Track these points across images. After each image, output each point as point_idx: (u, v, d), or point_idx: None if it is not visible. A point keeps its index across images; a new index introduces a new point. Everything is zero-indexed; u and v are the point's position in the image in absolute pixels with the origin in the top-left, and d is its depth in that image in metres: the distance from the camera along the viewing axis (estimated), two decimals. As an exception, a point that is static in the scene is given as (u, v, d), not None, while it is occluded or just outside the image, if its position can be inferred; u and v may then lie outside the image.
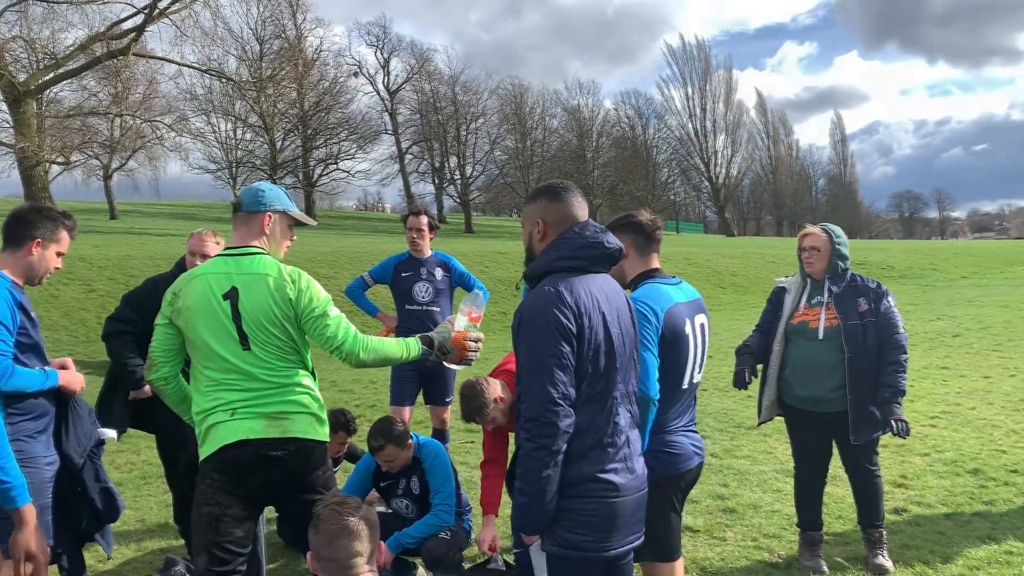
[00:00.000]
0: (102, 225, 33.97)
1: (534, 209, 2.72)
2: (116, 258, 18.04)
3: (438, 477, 4.41)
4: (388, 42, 59.03)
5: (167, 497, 5.52)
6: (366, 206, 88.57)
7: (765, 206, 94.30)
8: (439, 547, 4.20)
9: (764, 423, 4.84)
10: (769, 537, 4.94)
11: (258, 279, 3.12)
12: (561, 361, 2.44)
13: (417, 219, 5.97)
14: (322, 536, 2.38)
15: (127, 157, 43.12)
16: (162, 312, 3.16)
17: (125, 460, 7.03)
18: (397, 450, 4.41)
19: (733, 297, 24.17)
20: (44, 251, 3.21)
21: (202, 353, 3.07)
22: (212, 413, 3.04)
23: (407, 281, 5.96)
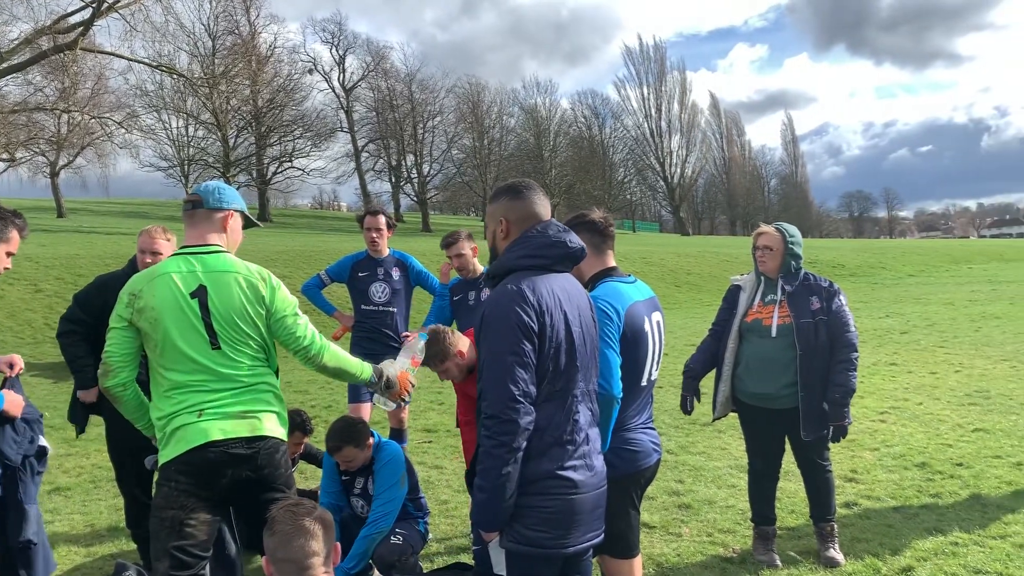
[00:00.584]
0: (49, 224, 33.12)
1: (497, 208, 2.73)
2: (64, 257, 17.61)
3: (384, 482, 4.37)
4: (343, 39, 58.59)
5: (117, 501, 5.41)
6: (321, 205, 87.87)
7: (719, 205, 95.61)
8: (391, 552, 4.17)
9: (719, 419, 4.91)
10: (724, 532, 5.02)
11: (227, 276, 3.10)
12: (522, 359, 2.45)
13: (376, 219, 5.95)
14: (278, 537, 2.35)
15: (75, 154, 42.09)
16: (118, 314, 3.05)
17: (74, 464, 6.88)
18: (355, 451, 4.38)
19: (688, 295, 24.46)
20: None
21: (167, 354, 3.00)
22: (177, 416, 2.98)
23: (364, 281, 5.95)
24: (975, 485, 5.71)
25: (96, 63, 35.24)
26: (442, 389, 9.89)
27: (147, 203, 58.64)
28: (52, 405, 9.11)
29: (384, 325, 5.96)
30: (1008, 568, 4.28)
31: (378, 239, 5.93)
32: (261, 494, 3.11)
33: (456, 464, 6.67)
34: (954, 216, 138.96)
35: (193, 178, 39.47)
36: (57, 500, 5.98)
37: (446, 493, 5.94)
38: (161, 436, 3.03)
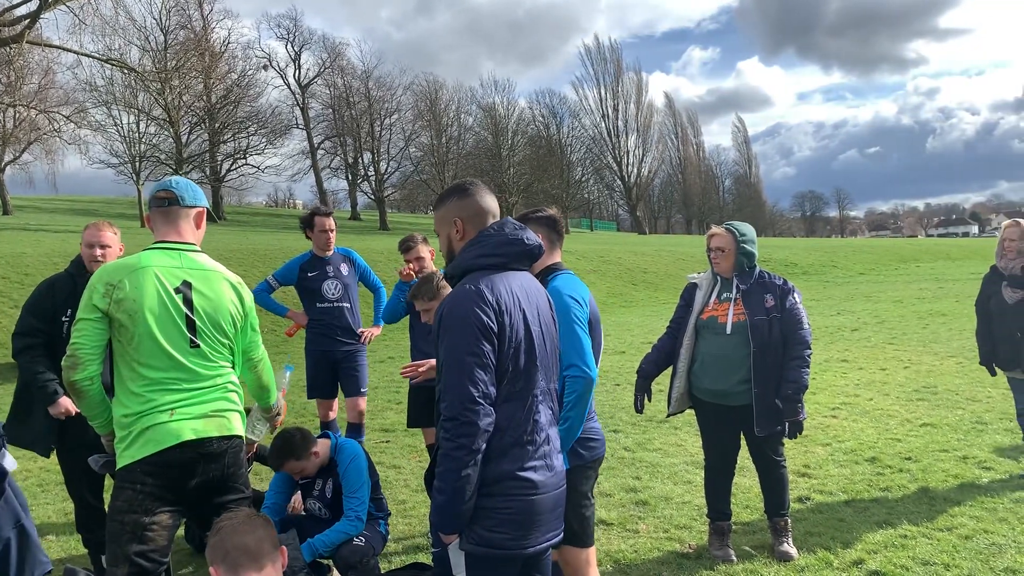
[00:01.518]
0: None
1: (449, 210, 2.71)
2: (9, 256, 17.13)
3: (353, 482, 4.34)
4: (299, 35, 57.81)
5: (66, 505, 5.29)
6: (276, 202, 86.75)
7: (675, 205, 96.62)
8: (352, 554, 4.14)
9: (674, 415, 4.96)
10: (680, 528, 5.07)
11: (214, 276, 3.10)
12: (481, 360, 2.44)
13: (329, 219, 6.06)
14: (226, 531, 2.35)
15: (21, 150, 40.88)
16: (92, 304, 2.93)
17: (21, 468, 6.69)
18: (299, 463, 4.34)
19: (645, 294, 24.67)
20: None
21: (143, 349, 2.93)
22: (146, 415, 2.92)
23: (315, 280, 6.01)
24: (923, 479, 5.86)
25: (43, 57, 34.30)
26: (399, 388, 9.84)
27: (96, 200, 57.29)
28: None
29: (339, 321, 6.03)
30: (955, 559, 4.40)
31: (331, 238, 6.05)
32: (223, 495, 3.09)
33: (414, 464, 6.64)
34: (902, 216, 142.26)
35: (144, 175, 38.60)
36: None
37: (404, 493, 5.91)
38: (125, 435, 2.95)
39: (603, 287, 24.41)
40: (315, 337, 6.08)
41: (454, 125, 59.84)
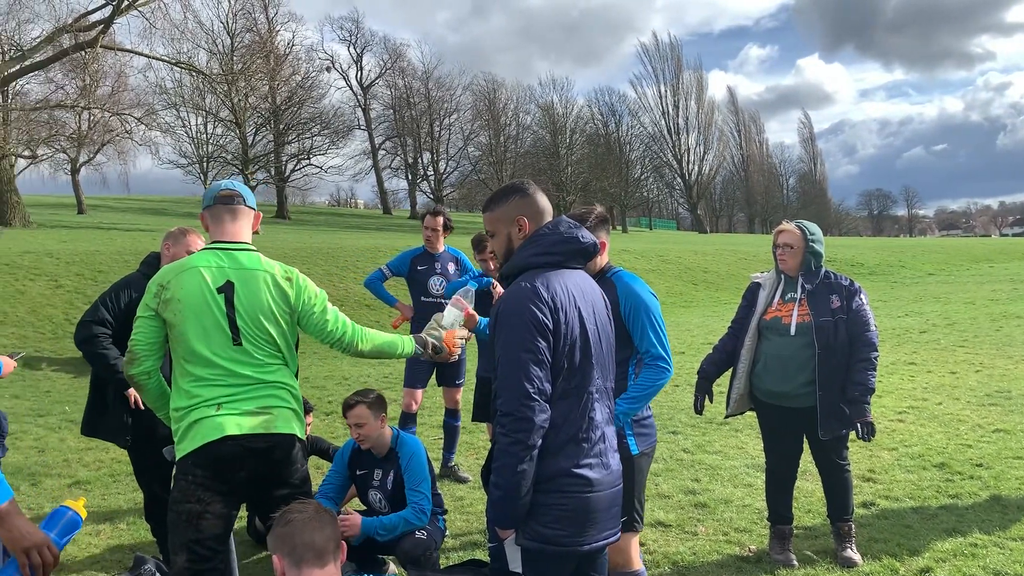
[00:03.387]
0: (69, 220, 33.42)
1: (509, 209, 2.71)
2: (84, 253, 17.77)
3: (415, 475, 4.36)
4: (361, 37, 58.77)
5: (136, 495, 5.46)
6: (338, 202, 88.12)
7: (737, 203, 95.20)
8: (416, 547, 4.17)
9: (732, 416, 4.89)
10: (740, 531, 5.00)
11: (255, 275, 3.15)
12: (537, 356, 2.45)
13: (434, 219, 6.39)
14: (295, 525, 2.39)
15: (95, 151, 42.40)
16: (146, 303, 3.08)
17: (93, 458, 6.94)
18: (368, 412, 4.34)
19: (705, 294, 24.36)
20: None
21: (188, 347, 3.03)
22: (194, 409, 3.00)
23: (423, 274, 6.36)
24: (995, 486, 5.66)
25: (116, 61, 35.49)
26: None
27: (166, 199, 59.04)
28: (72, 399, 9.21)
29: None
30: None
31: (434, 238, 6.36)
32: (277, 490, 3.14)
33: (471, 460, 6.69)
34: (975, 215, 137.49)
35: (212, 175, 39.67)
36: (77, 494, 6.05)
37: (461, 489, 5.95)
38: (177, 429, 3.06)
39: (662, 287, 24.19)
40: (419, 329, 6.25)
41: (512, 124, 60.07)
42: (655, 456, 6.53)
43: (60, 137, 36.35)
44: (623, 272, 3.59)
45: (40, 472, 6.57)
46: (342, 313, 3.33)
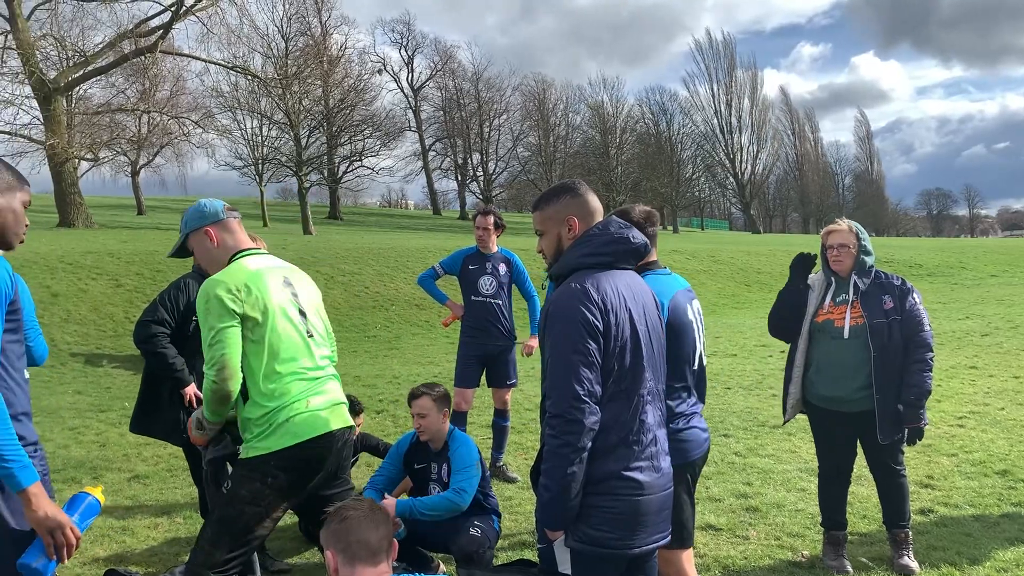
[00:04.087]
0: (130, 220, 34.36)
1: (560, 208, 2.70)
2: (143, 253, 18.24)
3: (463, 458, 4.42)
4: (412, 39, 59.29)
5: (193, 490, 5.58)
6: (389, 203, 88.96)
7: (791, 203, 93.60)
8: (470, 544, 4.19)
9: (789, 422, 4.81)
10: (793, 536, 4.91)
11: (298, 272, 3.30)
12: (587, 358, 2.44)
13: (485, 219, 6.45)
14: (351, 522, 2.41)
15: (154, 153, 43.58)
16: (229, 310, 2.98)
17: (152, 453, 7.12)
18: (432, 404, 4.42)
19: (759, 295, 24.00)
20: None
21: (275, 344, 3.05)
22: (284, 408, 3.01)
23: (474, 273, 6.40)
24: (1061, 495, 5.47)
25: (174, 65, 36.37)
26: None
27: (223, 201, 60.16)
28: (131, 396, 9.44)
29: (491, 315, 6.35)
30: (1096, 582, 4.09)
31: (485, 237, 6.39)
32: (330, 488, 3.19)
33: (520, 461, 6.69)
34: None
35: (267, 177, 40.31)
36: (136, 488, 6.21)
37: (510, 489, 5.96)
38: (261, 431, 3.01)
39: (714, 288, 23.91)
40: (468, 329, 6.42)
41: (562, 124, 60.04)
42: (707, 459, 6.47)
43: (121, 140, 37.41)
44: (647, 276, 3.41)
45: (101, 466, 6.76)
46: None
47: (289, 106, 37.25)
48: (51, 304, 13.76)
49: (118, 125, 35.86)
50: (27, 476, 2.30)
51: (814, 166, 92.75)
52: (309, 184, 41.24)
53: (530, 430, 7.65)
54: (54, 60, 31.84)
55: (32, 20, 30.44)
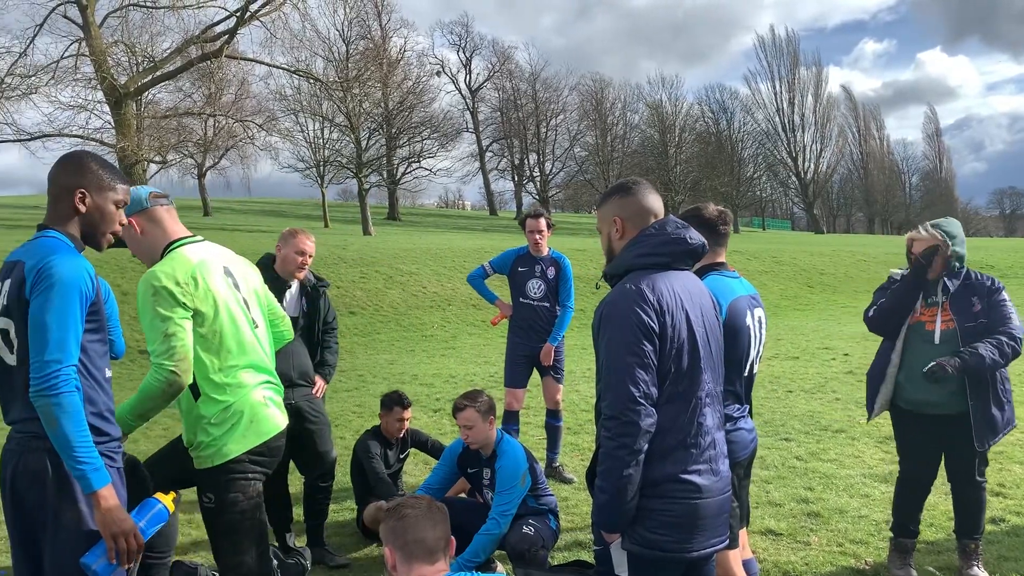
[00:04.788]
0: (196, 221, 35.31)
1: (609, 209, 2.70)
2: (209, 254, 18.68)
3: (506, 480, 4.38)
4: (470, 41, 59.64)
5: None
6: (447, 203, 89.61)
7: (856, 202, 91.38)
8: (522, 542, 4.20)
9: (873, 419, 4.69)
10: (856, 543, 4.80)
11: (235, 257, 3.23)
12: (643, 360, 2.42)
13: (537, 221, 6.31)
14: (408, 521, 2.42)
15: (220, 156, 44.73)
16: (180, 303, 2.85)
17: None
18: (477, 416, 4.42)
19: (822, 296, 23.51)
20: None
21: (226, 336, 2.96)
22: (240, 402, 2.98)
23: (523, 275, 6.34)
24: None
25: (239, 70, 37.22)
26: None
27: (285, 202, 61.51)
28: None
29: (539, 319, 6.29)
30: None
31: (540, 240, 6.28)
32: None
33: (576, 462, 6.68)
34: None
35: (328, 178, 41.03)
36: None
37: (566, 490, 5.95)
38: (222, 429, 2.94)
39: (775, 289, 23.49)
40: (516, 330, 6.40)
41: (619, 124, 59.68)
42: (767, 463, 6.37)
43: (188, 143, 38.49)
44: (707, 277, 3.34)
45: (169, 460, 6.95)
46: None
47: (350, 109, 37.81)
48: (121, 302, 14.11)
49: (185, 128, 36.87)
50: (99, 479, 2.36)
51: (880, 164, 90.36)
52: (369, 185, 41.79)
53: (586, 431, 7.62)
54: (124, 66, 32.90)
55: (104, 27, 31.49)
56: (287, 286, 4.78)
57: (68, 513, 2.43)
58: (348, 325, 15.33)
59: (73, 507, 2.43)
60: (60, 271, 2.39)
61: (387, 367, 12.39)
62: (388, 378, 11.30)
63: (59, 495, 2.43)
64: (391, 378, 11.29)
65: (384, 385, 10.57)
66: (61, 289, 2.37)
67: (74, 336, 2.38)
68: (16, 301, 2.42)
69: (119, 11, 31.94)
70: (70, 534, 2.43)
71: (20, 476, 2.46)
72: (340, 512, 5.49)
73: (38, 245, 2.49)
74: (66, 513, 2.43)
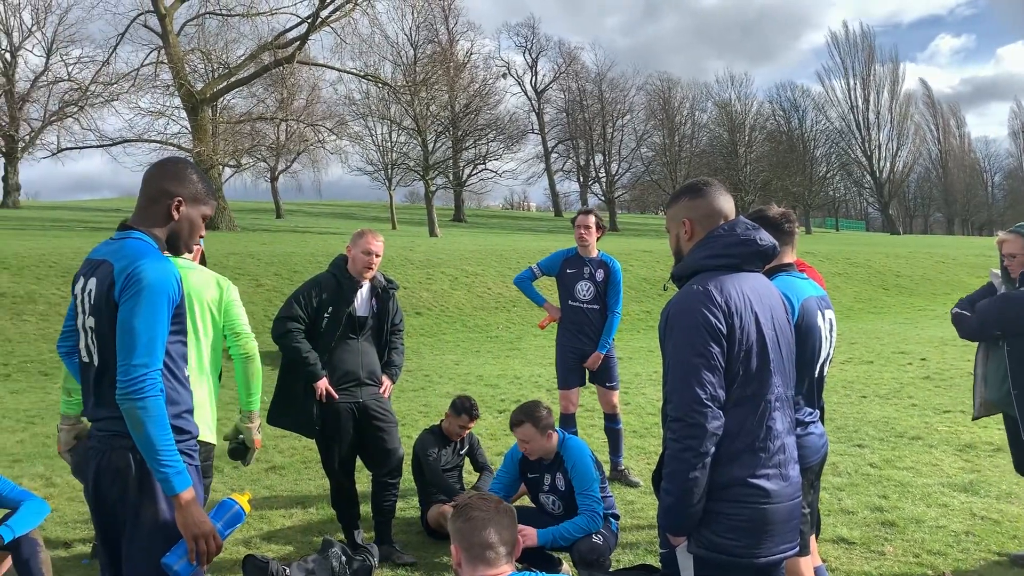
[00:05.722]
0: (269, 224, 36.19)
1: (678, 210, 2.66)
2: (281, 255, 19.15)
3: (583, 480, 4.37)
4: (536, 43, 59.69)
5: (325, 482, 5.81)
6: (512, 205, 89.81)
7: (934, 202, 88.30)
8: (592, 551, 4.18)
9: (978, 419, 4.66)
10: (933, 554, 4.64)
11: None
12: (710, 362, 2.38)
13: (585, 217, 6.26)
14: (475, 523, 2.43)
15: (292, 160, 45.74)
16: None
17: (288, 445, 7.46)
18: (534, 431, 4.39)
19: (898, 299, 22.82)
20: None
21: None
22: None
23: (571, 277, 6.24)
24: None
25: (310, 75, 38.03)
26: (626, 390, 9.83)
27: (354, 204, 62.56)
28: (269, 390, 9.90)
29: (588, 322, 6.19)
30: None
31: (586, 235, 6.18)
32: None
33: (642, 464, 6.62)
34: None
35: (395, 181, 41.58)
36: (273, 478, 6.53)
37: (632, 494, 5.90)
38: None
39: (849, 291, 22.89)
40: (565, 332, 6.31)
41: (687, 123, 58.89)
42: (839, 469, 6.21)
43: (261, 147, 39.50)
44: (778, 277, 3.29)
45: (242, 456, 7.13)
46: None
47: (417, 112, 38.24)
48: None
49: (258, 133, 37.84)
50: (180, 482, 2.41)
51: (960, 163, 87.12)
52: (435, 188, 42.17)
53: (653, 434, 7.55)
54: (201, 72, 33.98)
55: (181, 35, 32.57)
56: (358, 286, 4.86)
57: (148, 511, 2.49)
58: (414, 326, 15.50)
59: (153, 505, 2.49)
60: (149, 276, 2.43)
61: (453, 367, 12.48)
62: (454, 378, 11.39)
63: (140, 493, 2.49)
64: (456, 379, 11.37)
65: (450, 385, 10.65)
66: (150, 294, 2.42)
67: (160, 340, 2.44)
68: (104, 302, 2.48)
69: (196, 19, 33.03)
70: (149, 531, 2.50)
71: (103, 473, 2.54)
72: (406, 510, 5.56)
73: (126, 246, 2.54)
74: (146, 511, 2.50)
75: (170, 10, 31.37)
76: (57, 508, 5.59)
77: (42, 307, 14.22)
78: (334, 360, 4.78)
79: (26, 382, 11.54)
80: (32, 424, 8.74)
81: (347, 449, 4.86)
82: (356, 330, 4.85)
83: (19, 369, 12.17)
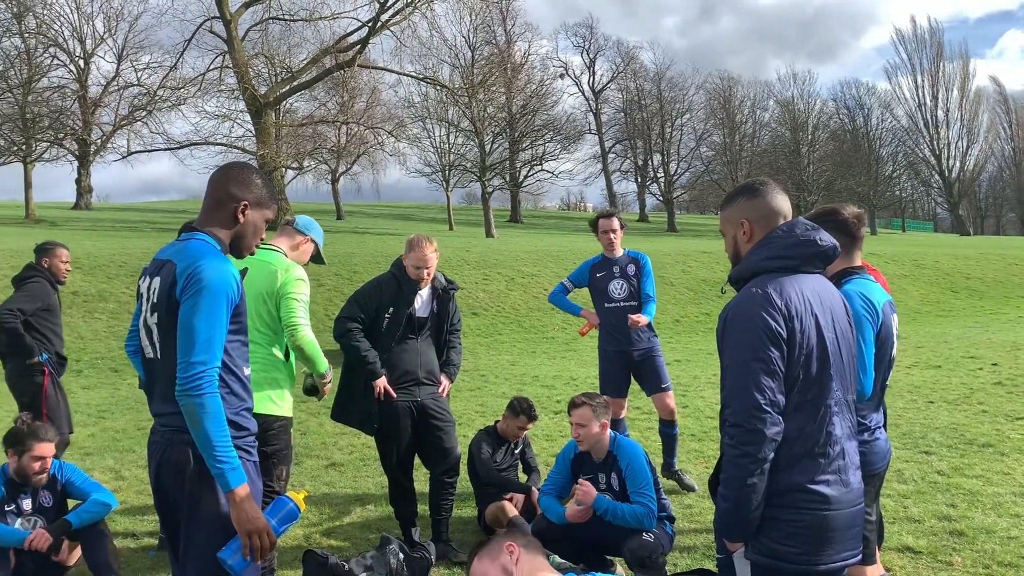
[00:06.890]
0: (330, 225, 36.76)
1: (735, 211, 2.61)
2: (341, 255, 19.44)
3: (638, 479, 4.34)
4: (594, 43, 59.45)
5: (383, 479, 5.88)
6: (568, 205, 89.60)
7: (1007, 202, 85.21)
8: (642, 548, 4.17)
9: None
10: (1004, 566, 4.48)
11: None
12: (769, 366, 2.34)
13: (610, 221, 6.18)
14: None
15: (352, 162, 46.48)
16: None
17: (347, 443, 7.58)
18: (592, 415, 4.39)
19: (967, 302, 22.12)
20: None
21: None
22: None
23: (602, 280, 6.18)
24: None
25: (370, 78, 38.62)
26: (685, 392, 9.74)
27: (412, 206, 63.22)
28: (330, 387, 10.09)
29: (626, 321, 6.06)
30: None
31: (614, 238, 6.14)
32: None
33: (700, 469, 6.54)
34: None
35: (453, 182, 41.90)
36: (332, 475, 6.63)
37: (690, 498, 5.84)
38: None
39: (916, 294, 22.27)
40: (606, 336, 6.24)
41: (748, 122, 58.03)
42: (904, 477, 6.04)
43: (322, 150, 40.24)
44: (854, 280, 3.24)
45: (301, 453, 7.27)
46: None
47: (475, 114, 38.50)
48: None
49: (320, 136, 38.57)
50: (236, 478, 2.47)
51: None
52: (492, 189, 42.36)
53: (711, 438, 7.45)
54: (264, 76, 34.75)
55: (246, 40, 33.34)
56: (418, 288, 4.92)
57: (206, 505, 2.55)
58: (471, 326, 15.59)
59: (212, 499, 2.55)
60: (209, 276, 2.50)
61: (509, 368, 12.52)
62: (510, 379, 11.42)
63: (199, 487, 2.55)
64: (512, 379, 11.40)
65: (506, 386, 10.68)
66: (210, 294, 2.49)
67: (219, 339, 2.50)
68: (166, 300, 2.55)
69: (260, 24, 33.78)
70: (207, 525, 2.55)
71: (164, 468, 2.61)
72: (463, 509, 5.60)
73: (188, 247, 2.61)
74: (204, 505, 2.55)
75: (235, 16, 32.14)
76: (125, 501, 5.78)
77: (112, 305, 14.72)
78: (393, 359, 4.85)
79: (97, 378, 11.97)
80: (103, 419, 9.05)
81: (405, 448, 4.91)
82: (416, 330, 4.92)
83: (90, 365, 12.63)
